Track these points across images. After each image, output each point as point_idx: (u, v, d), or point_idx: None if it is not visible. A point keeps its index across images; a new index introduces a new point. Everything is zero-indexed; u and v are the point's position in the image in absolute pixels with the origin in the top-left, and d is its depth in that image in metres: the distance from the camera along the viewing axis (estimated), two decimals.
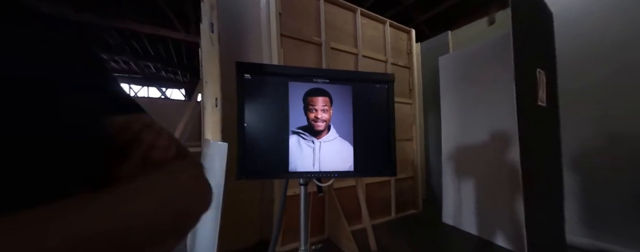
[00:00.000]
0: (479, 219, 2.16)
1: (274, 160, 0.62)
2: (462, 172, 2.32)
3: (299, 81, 0.63)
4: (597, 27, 1.82)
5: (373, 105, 0.66)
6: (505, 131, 1.95)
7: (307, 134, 0.63)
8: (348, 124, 0.65)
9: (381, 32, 2.58)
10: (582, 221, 1.87)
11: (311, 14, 2.05)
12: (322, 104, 0.63)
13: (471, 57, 2.25)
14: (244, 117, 0.60)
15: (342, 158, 0.65)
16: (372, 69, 2.47)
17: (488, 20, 3.76)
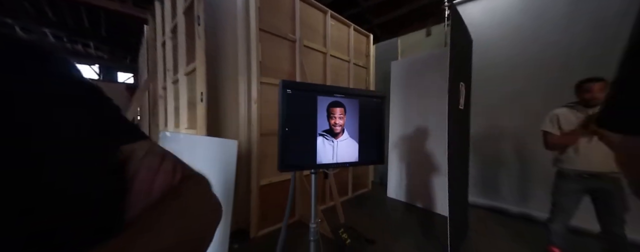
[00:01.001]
0: (414, 192, 2.77)
1: (306, 155, 0.78)
2: (403, 157, 2.88)
3: (324, 95, 0.79)
4: (495, 53, 2.52)
5: (372, 114, 0.88)
6: (436, 126, 2.52)
7: (329, 136, 0.81)
8: (355, 128, 0.86)
9: (346, 34, 2.82)
10: (478, 187, 2.65)
11: (287, 11, 2.10)
12: (339, 113, 0.82)
13: (415, 65, 2.74)
14: (286, 123, 0.74)
15: (351, 152, 0.86)
16: (338, 68, 2.70)
17: (426, 31, 4.46)
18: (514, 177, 2.47)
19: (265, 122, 1.89)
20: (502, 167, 2.53)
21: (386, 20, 4.64)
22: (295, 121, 0.77)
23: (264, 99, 1.88)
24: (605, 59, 1.92)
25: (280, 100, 0.74)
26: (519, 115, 2.39)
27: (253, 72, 1.77)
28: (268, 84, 1.91)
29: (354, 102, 0.84)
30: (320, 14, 2.44)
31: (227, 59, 1.75)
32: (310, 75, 2.25)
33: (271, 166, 1.97)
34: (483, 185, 2.64)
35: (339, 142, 0.82)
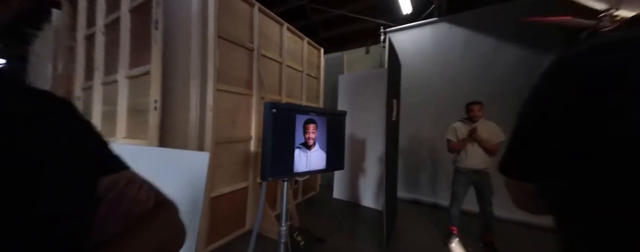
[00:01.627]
0: (355, 191, 3.14)
1: (286, 165, 0.86)
2: (348, 160, 3.22)
3: (301, 114, 0.90)
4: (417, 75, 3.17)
5: (336, 128, 1.05)
6: (373, 134, 2.96)
7: (304, 148, 0.92)
8: (324, 140, 1.00)
9: (300, 47, 2.98)
10: (402, 184, 3.23)
11: (246, 21, 2.09)
12: (312, 129, 0.94)
13: (359, 81, 3.15)
14: (271, 138, 0.80)
15: (321, 161, 0.99)
16: (293, 77, 2.83)
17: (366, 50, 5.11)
18: (428, 174, 3.14)
19: (221, 130, 1.82)
20: (420, 167, 3.19)
21: (333, 35, 5.08)
22: (278, 136, 0.86)
23: (220, 107, 1.82)
24: (482, 85, 2.73)
25: (266, 119, 0.81)
26: (432, 126, 3.07)
27: (209, 78, 1.70)
28: (224, 91, 1.86)
29: (323, 119, 0.99)
30: (277, 25, 2.52)
31: (178, 64, 1.62)
32: (267, 84, 2.29)
33: (223, 176, 1.90)
34: (406, 182, 3.24)
35: (311, 153, 0.95)
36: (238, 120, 2.03)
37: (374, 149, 2.97)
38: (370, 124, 2.98)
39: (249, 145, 2.16)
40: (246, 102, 2.12)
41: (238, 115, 2.03)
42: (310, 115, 0.93)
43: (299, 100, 2.97)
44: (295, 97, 2.90)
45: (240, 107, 2.06)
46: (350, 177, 3.16)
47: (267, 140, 0.82)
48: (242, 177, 2.10)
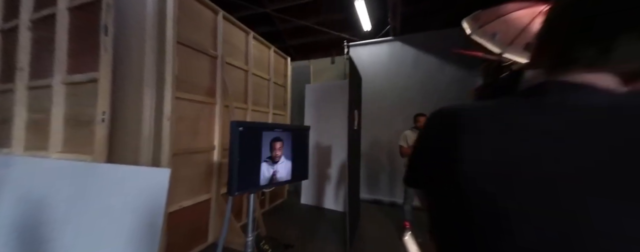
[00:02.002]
0: (321, 196, 3.23)
1: (252, 179, 0.87)
2: (314, 168, 3.30)
3: (267, 131, 0.93)
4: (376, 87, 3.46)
5: (301, 141, 1.10)
6: (340, 141, 3.11)
7: (270, 161, 0.95)
8: (289, 152, 1.05)
9: (266, 55, 2.98)
10: (364, 185, 3.45)
11: (209, 28, 2.03)
12: (279, 146, 0.98)
13: (324, 91, 3.29)
14: (238, 154, 0.81)
15: (287, 172, 1.03)
16: (259, 85, 2.81)
17: (331, 60, 5.33)
18: (387, 176, 3.42)
19: (180, 141, 1.72)
20: (380, 170, 3.45)
21: (300, 43, 5.19)
22: (244, 153, 0.88)
23: (179, 116, 1.72)
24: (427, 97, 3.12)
25: (232, 137, 0.83)
26: (389, 133, 3.37)
27: (167, 86, 1.60)
28: (185, 100, 1.77)
29: (289, 133, 1.04)
30: (242, 33, 2.49)
31: (130, 72, 1.50)
32: (233, 92, 2.24)
33: (183, 189, 1.79)
34: (368, 184, 3.47)
35: (278, 165, 0.99)
36: (200, 129, 1.94)
37: (338, 156, 3.12)
38: (335, 132, 3.13)
39: (211, 155, 2.07)
40: (209, 110, 2.04)
41: (200, 125, 1.94)
42: (277, 131, 0.98)
43: (266, 108, 2.96)
44: (262, 105, 2.88)
45: (203, 115, 1.97)
46: (317, 183, 3.25)
47: (233, 157, 0.84)
48: (205, 189, 2.00)
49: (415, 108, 2.59)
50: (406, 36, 3.38)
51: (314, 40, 4.90)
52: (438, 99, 3.07)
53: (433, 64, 3.17)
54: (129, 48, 1.48)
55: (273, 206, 3.13)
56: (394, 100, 3.38)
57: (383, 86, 3.44)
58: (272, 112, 3.04)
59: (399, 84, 3.37)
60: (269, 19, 4.15)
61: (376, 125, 3.42)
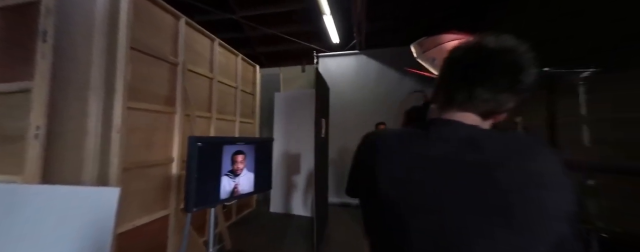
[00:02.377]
0: (290, 202, 3.22)
1: (212, 194, 0.85)
2: (284, 176, 3.29)
3: (229, 145, 0.92)
4: (344, 96, 3.62)
5: (264, 152, 1.11)
6: (309, 149, 3.16)
7: (231, 174, 0.94)
8: (252, 164, 1.05)
9: (234, 63, 2.92)
10: (335, 190, 3.54)
11: (169, 33, 1.92)
12: (241, 159, 0.97)
13: (294, 100, 3.33)
14: (196, 170, 0.78)
15: (249, 184, 1.03)
16: (225, 93, 2.72)
17: (302, 68, 5.42)
18: None
19: (132, 154, 1.58)
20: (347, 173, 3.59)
21: (270, 51, 5.16)
22: (203, 168, 0.86)
23: (131, 127, 1.58)
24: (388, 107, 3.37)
25: (190, 153, 0.81)
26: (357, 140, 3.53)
27: (117, 95, 1.47)
28: (138, 110, 1.64)
29: (251, 146, 1.05)
30: (207, 40, 2.42)
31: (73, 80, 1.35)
32: (195, 100, 2.14)
33: (136, 206, 1.63)
34: (336, 188, 3.57)
35: (240, 177, 0.99)
36: (156, 141, 1.80)
37: (307, 163, 3.16)
38: (304, 140, 3.17)
39: (169, 168, 1.93)
40: (167, 120, 1.92)
41: (156, 136, 1.81)
42: (239, 145, 0.98)
43: (232, 116, 2.87)
44: (228, 114, 2.79)
45: (159, 126, 1.84)
46: (286, 191, 3.23)
47: (191, 173, 0.81)
48: (161, 204, 1.85)
49: (379, 117, 2.78)
50: (371, 51, 3.64)
51: (285, 48, 4.93)
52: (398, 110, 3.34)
53: (394, 78, 3.45)
54: (73, 54, 1.34)
55: (240, 216, 3.01)
56: (360, 110, 3.58)
57: (350, 96, 3.62)
58: (239, 120, 2.96)
59: (364, 95, 3.58)
60: (238, 26, 4.08)
61: (344, 133, 3.57)
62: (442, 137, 0.40)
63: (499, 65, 0.38)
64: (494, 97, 0.39)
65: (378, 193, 0.41)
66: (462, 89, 0.40)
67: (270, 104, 3.69)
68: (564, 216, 0.34)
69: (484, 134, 0.40)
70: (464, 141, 0.38)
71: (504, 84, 0.38)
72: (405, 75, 3.38)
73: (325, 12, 2.88)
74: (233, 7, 3.52)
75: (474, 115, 0.42)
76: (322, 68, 3.79)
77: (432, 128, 0.42)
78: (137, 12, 1.59)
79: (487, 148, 0.37)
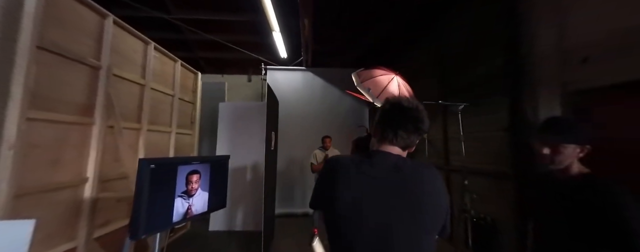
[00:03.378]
0: (234, 218, 3.08)
1: (163, 217, 0.81)
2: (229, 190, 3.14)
3: (183, 165, 0.91)
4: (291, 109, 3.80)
5: (219, 170, 1.12)
6: (255, 160, 3.14)
7: (185, 196, 0.92)
8: (207, 183, 1.05)
9: (171, 69, 2.68)
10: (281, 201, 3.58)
11: (92, 33, 1.66)
12: (196, 179, 0.96)
13: (241, 111, 3.28)
14: (146, 194, 0.74)
15: (203, 203, 1.02)
16: (159, 101, 2.46)
17: (248, 77, 5.33)
18: (300, 190, 3.72)
19: (30, 176, 1.28)
20: (294, 185, 3.72)
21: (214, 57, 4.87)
22: (156, 190, 0.83)
23: (30, 142, 1.29)
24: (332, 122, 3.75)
25: (141, 176, 0.77)
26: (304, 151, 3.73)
27: (12, 104, 1.19)
28: (43, 121, 1.35)
29: (207, 165, 1.06)
30: (140, 43, 2.17)
31: None
32: (122, 109, 1.88)
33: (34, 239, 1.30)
34: (283, 199, 3.64)
35: (194, 198, 0.98)
36: (65, 158, 1.50)
37: (253, 176, 3.13)
38: (250, 152, 3.14)
39: (80, 190, 1.61)
40: (81, 133, 1.62)
41: (66, 152, 1.50)
42: (194, 164, 0.98)
43: (167, 127, 2.60)
44: (162, 124, 2.51)
45: (70, 140, 1.54)
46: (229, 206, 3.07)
47: (141, 197, 0.78)
48: (67, 235, 1.51)
49: (325, 131, 3.08)
50: (318, 69, 3.99)
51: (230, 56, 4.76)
52: (339, 125, 3.76)
53: (336, 96, 3.89)
54: None
55: (173, 240, 2.67)
56: (307, 123, 3.83)
57: (297, 110, 3.83)
58: (176, 131, 2.70)
59: (310, 110, 3.87)
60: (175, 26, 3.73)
61: (291, 145, 3.72)
62: (379, 163, 0.62)
63: (408, 118, 0.63)
64: (408, 137, 0.63)
65: (337, 202, 0.59)
66: (390, 131, 0.63)
67: (212, 114, 3.49)
68: (446, 210, 0.60)
69: (403, 161, 0.63)
70: (392, 166, 0.61)
71: (412, 129, 0.63)
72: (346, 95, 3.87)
73: (274, 29, 3.04)
74: (169, 7, 3.23)
75: (398, 148, 0.65)
76: (270, 80, 3.89)
77: (374, 157, 0.63)
78: (50, 5, 1.35)
79: (404, 171, 0.60)
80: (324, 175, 0.67)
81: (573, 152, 0.75)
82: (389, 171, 0.59)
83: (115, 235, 1.84)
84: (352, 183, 0.59)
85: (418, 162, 0.65)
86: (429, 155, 2.84)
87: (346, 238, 0.57)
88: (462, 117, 2.10)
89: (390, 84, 1.85)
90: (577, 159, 0.77)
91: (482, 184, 2.27)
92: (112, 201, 1.81)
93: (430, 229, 0.58)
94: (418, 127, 0.63)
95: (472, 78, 2.43)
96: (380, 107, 0.70)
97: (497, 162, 2.13)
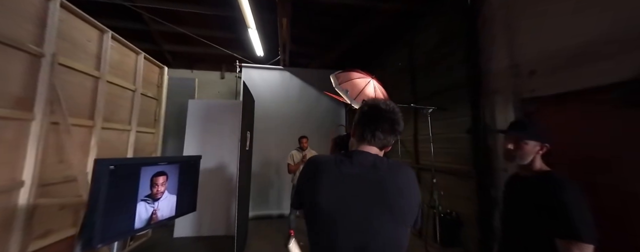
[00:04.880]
0: (202, 223, 2.91)
1: (124, 224, 0.72)
2: None
3: (148, 166, 0.82)
4: (267, 108, 3.72)
5: (189, 172, 1.05)
6: (227, 161, 3.01)
7: (150, 200, 0.84)
8: (175, 185, 0.97)
9: (133, 61, 2.45)
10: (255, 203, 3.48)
11: (32, 15, 1.45)
12: (162, 181, 0.88)
13: (212, 109, 3.12)
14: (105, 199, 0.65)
15: (170, 208, 0.93)
16: (117, 96, 2.24)
17: (221, 74, 5.10)
18: (275, 191, 3.66)
19: None
20: (269, 186, 3.64)
21: (182, 51, 4.57)
22: (115, 194, 0.74)
23: None
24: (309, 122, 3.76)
25: (98, 178, 0.68)
26: (279, 152, 3.67)
27: None
28: None
29: (175, 166, 0.98)
30: (94, 31, 1.96)
31: None
32: (72, 104, 1.68)
33: None
34: (257, 200, 3.55)
35: (159, 202, 0.90)
36: None
37: (225, 178, 3.00)
38: (222, 153, 3.01)
39: (14, 196, 1.39)
40: (16, 130, 1.40)
41: None
42: (160, 165, 0.90)
43: (126, 125, 2.37)
44: (120, 122, 2.29)
45: (1, 138, 1.33)
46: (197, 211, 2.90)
47: (97, 201, 0.69)
48: None
49: (301, 131, 3.07)
50: (295, 69, 3.98)
51: (201, 51, 4.52)
52: (317, 125, 3.79)
53: (313, 96, 3.92)
54: None
55: (132, 248, 2.43)
56: (283, 123, 3.79)
57: (273, 110, 3.77)
58: (136, 129, 2.48)
59: (287, 110, 3.84)
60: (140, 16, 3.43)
61: (266, 145, 3.64)
62: (359, 162, 0.64)
63: (385, 120, 0.66)
64: (385, 138, 0.66)
65: (318, 200, 0.60)
66: (369, 132, 0.66)
67: (180, 112, 3.27)
68: (418, 206, 0.64)
69: (381, 160, 0.66)
70: (371, 165, 0.63)
71: (389, 130, 0.65)
72: (323, 96, 3.91)
73: (250, 26, 2.97)
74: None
75: (376, 148, 0.68)
76: (246, 78, 3.78)
77: (354, 156, 0.65)
78: None
79: (381, 169, 0.63)
80: (306, 174, 0.68)
81: (533, 149, 0.85)
82: (368, 170, 0.62)
83: (57, 247, 1.62)
84: (334, 181, 0.61)
85: (394, 161, 0.68)
86: (401, 155, 3.00)
87: (328, 235, 0.59)
88: (432, 120, 2.27)
89: (367, 86, 1.93)
90: (539, 155, 0.86)
91: (449, 181, 2.47)
92: (54, 208, 1.60)
93: (406, 222, 0.62)
94: (394, 129, 0.66)
95: (440, 84, 2.64)
96: (359, 108, 0.72)
97: (461, 161, 2.34)
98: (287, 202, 3.57)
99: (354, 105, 1.81)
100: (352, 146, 0.70)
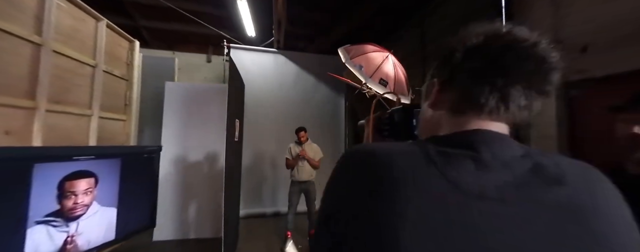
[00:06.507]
0: (185, 225, 2.54)
1: None
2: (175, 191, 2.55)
3: (52, 161, 0.45)
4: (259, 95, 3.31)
5: (141, 172, 0.69)
6: (212, 154, 2.62)
7: (59, 220, 0.48)
8: (114, 193, 0.61)
9: (92, 29, 1.95)
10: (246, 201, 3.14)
11: None
12: (84, 188, 0.51)
13: (195, 93, 2.67)
14: None
15: (105, 228, 0.58)
16: (69, 72, 1.76)
17: (207, 58, 4.57)
18: (270, 186, 3.33)
19: None
20: (263, 182, 3.30)
21: (161, 28, 3.97)
22: None
23: None
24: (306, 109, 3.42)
25: None
26: (274, 144, 3.32)
27: None
28: None
29: (113, 161, 0.61)
30: None
31: None
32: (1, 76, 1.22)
33: None
34: (249, 198, 3.21)
35: (81, 222, 0.54)
36: None
37: (211, 172, 2.61)
38: (208, 144, 2.61)
39: None
40: None
41: None
42: (78, 161, 0.53)
43: (85, 109, 1.90)
44: (77, 105, 1.82)
45: None
46: (179, 210, 2.51)
47: None
48: None
49: (297, 121, 2.72)
50: (288, 52, 3.56)
51: (184, 29, 3.94)
52: (316, 114, 3.45)
53: (310, 83, 3.55)
54: None
55: None
56: (277, 109, 3.41)
57: (267, 95, 3.37)
58: (100, 115, 2.01)
59: (281, 95, 3.45)
60: None
61: (259, 136, 3.27)
62: (499, 158, 0.26)
63: (530, 61, 0.27)
64: (527, 101, 0.28)
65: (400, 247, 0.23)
66: (491, 90, 0.28)
67: (157, 98, 2.79)
68: None
69: (545, 156, 0.27)
70: (528, 167, 0.26)
71: (538, 82, 0.28)
72: (321, 82, 3.54)
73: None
74: None
75: (503, 124, 0.29)
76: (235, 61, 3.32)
77: (478, 144, 0.27)
78: None
79: (568, 180, 0.25)
80: (351, 193, 0.28)
81: None
82: (526, 180, 0.25)
83: None
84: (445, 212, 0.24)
85: (569, 159, 0.29)
86: None
87: None
88: None
89: (385, 62, 1.58)
90: None
91: None
92: None
93: None
94: (548, 80, 0.28)
95: None
96: (458, 40, 0.31)
97: None
98: (283, 198, 3.26)
99: (370, 85, 1.48)
100: (440, 125, 0.33)
